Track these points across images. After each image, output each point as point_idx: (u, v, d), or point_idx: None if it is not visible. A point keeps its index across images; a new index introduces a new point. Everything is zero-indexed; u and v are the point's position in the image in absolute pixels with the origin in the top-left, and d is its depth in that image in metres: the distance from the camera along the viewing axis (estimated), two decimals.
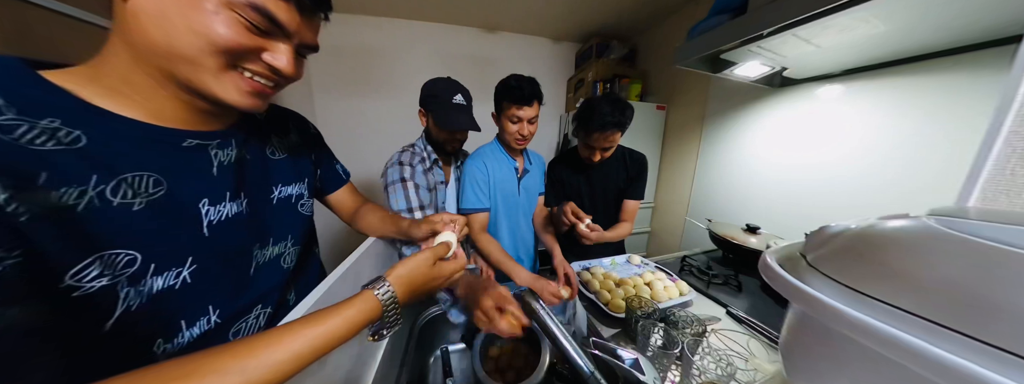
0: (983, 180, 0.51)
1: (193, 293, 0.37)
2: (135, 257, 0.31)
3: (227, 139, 0.42)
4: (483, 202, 1.02)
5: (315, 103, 2.25)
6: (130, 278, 0.31)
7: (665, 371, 0.59)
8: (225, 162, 0.41)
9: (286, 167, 0.53)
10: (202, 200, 0.38)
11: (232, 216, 0.41)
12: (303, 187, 0.56)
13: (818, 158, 1.32)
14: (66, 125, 0.28)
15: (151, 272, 0.33)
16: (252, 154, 0.47)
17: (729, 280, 0.99)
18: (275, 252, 0.49)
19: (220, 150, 0.41)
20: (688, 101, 2.00)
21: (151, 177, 0.33)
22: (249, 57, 0.34)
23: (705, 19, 0.98)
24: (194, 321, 0.38)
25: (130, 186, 0.31)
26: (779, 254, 0.41)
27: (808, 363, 0.37)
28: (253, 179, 0.46)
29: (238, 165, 0.43)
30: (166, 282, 0.34)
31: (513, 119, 0.95)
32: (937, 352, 0.22)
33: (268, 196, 0.49)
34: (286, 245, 0.51)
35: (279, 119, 0.56)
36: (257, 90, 0.36)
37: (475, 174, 1.01)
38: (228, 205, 0.41)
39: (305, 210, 0.56)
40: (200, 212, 0.38)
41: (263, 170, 0.49)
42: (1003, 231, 0.25)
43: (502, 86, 0.94)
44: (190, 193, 0.37)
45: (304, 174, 0.57)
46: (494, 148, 1.07)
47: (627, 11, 2.12)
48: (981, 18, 0.74)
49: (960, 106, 0.93)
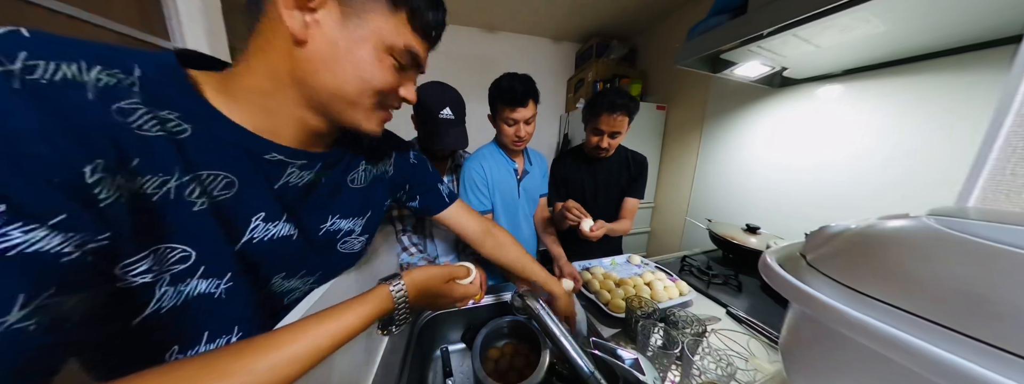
0: (983, 180, 0.51)
1: (226, 306, 0.36)
2: (189, 254, 0.31)
3: (314, 162, 0.41)
4: (484, 204, 1.02)
5: None
6: (175, 276, 0.31)
7: (665, 371, 0.59)
8: (292, 183, 0.40)
9: (356, 199, 0.50)
10: (258, 214, 0.37)
11: (280, 237, 0.40)
12: (359, 222, 0.52)
13: (818, 158, 1.32)
14: (181, 119, 0.30)
15: (199, 273, 0.32)
16: (329, 180, 0.46)
17: (729, 280, 0.99)
18: (290, 286, 0.45)
19: (299, 170, 0.40)
20: (688, 101, 2.00)
21: (226, 178, 0.33)
22: (391, 95, 0.38)
23: (705, 19, 0.98)
24: (216, 337, 0.36)
25: (200, 183, 0.31)
26: (779, 254, 0.41)
27: (808, 363, 0.37)
28: (313, 206, 0.44)
29: (305, 189, 0.42)
30: (209, 288, 0.34)
31: (509, 121, 0.93)
32: (937, 352, 0.22)
33: (318, 226, 0.46)
34: (308, 281, 0.47)
35: (382, 145, 0.56)
36: (388, 119, 0.42)
37: (473, 177, 1.01)
38: (282, 225, 0.39)
39: (347, 248, 0.51)
40: (249, 225, 0.36)
41: (330, 198, 0.46)
42: (1003, 231, 0.25)
43: (495, 87, 0.92)
44: (251, 204, 0.36)
45: (369, 207, 0.53)
46: (492, 150, 1.06)
47: (627, 11, 2.12)
48: (981, 18, 0.74)
49: (960, 106, 0.93)
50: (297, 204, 0.42)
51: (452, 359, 0.74)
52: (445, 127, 0.88)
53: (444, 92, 0.89)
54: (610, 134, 1.05)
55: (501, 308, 0.87)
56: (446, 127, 0.88)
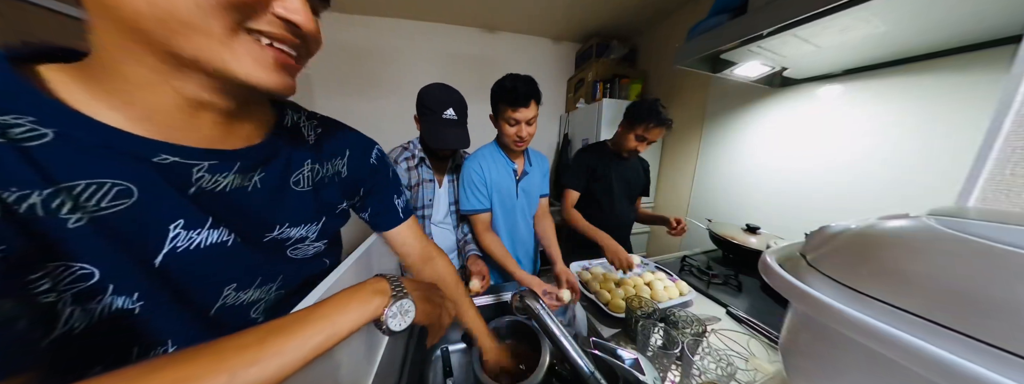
0: (983, 180, 0.51)
1: (148, 323, 0.32)
2: (91, 271, 0.28)
3: (227, 162, 0.35)
4: (483, 203, 1.02)
5: (316, 103, 2.25)
6: (78, 295, 0.28)
7: (665, 371, 0.59)
8: (208, 187, 0.35)
9: (305, 202, 0.45)
10: (176, 221, 0.32)
11: (208, 246, 0.35)
12: (313, 228, 0.46)
13: (818, 158, 1.32)
14: (37, 124, 0.25)
15: (110, 291, 0.29)
16: (263, 183, 0.40)
17: (729, 280, 0.99)
18: (251, 297, 0.41)
19: (210, 174, 0.34)
20: (688, 101, 2.00)
21: (116, 187, 0.29)
22: (258, 11, 0.28)
23: (705, 19, 0.98)
24: (147, 352, 0.33)
25: (71, 196, 0.27)
26: (779, 254, 0.41)
27: (808, 363, 0.37)
28: (250, 212, 0.39)
29: (230, 194, 0.37)
30: (126, 303, 0.30)
31: (511, 122, 0.93)
32: (937, 352, 0.22)
33: (262, 234, 0.41)
34: (270, 290, 0.43)
35: (333, 141, 0.49)
36: (281, 61, 0.30)
37: (472, 176, 1.01)
38: (207, 232, 0.35)
39: (297, 254, 0.46)
40: (167, 235, 0.32)
41: (271, 203, 0.41)
42: (1003, 231, 0.25)
43: (497, 88, 0.93)
44: (159, 211, 0.32)
45: (323, 211, 0.48)
46: (492, 150, 1.06)
47: (627, 11, 2.12)
48: (981, 18, 0.74)
49: (960, 106, 0.93)
50: (224, 210, 0.36)
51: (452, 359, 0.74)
52: (448, 128, 0.90)
53: (448, 94, 0.92)
54: (649, 142, 1.21)
55: (501, 308, 0.87)
56: (449, 128, 0.90)
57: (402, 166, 0.99)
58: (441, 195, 1.07)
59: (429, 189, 1.03)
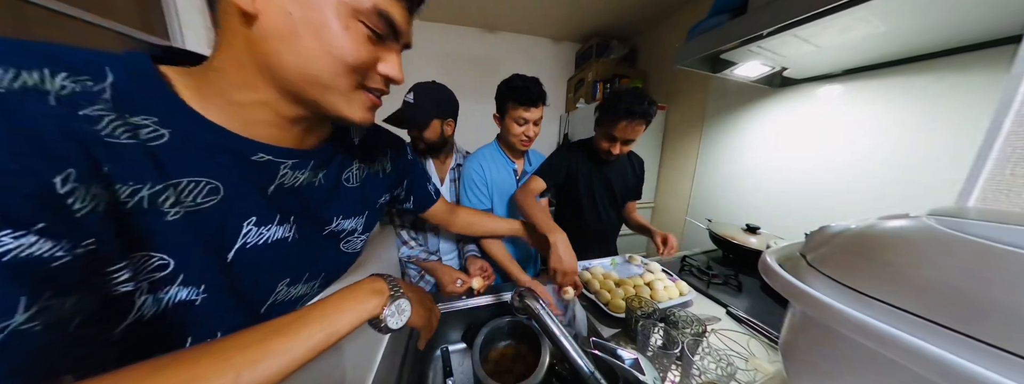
0: (983, 180, 0.51)
1: (208, 313, 0.35)
2: (167, 262, 0.30)
3: (305, 160, 0.40)
4: (484, 203, 1.03)
5: None
6: (153, 284, 0.30)
7: (665, 371, 0.59)
8: (288, 184, 0.38)
9: (354, 198, 0.49)
10: (250, 218, 0.35)
11: (275, 241, 0.38)
12: (360, 221, 0.51)
13: (818, 158, 1.32)
14: (159, 124, 0.28)
15: (179, 281, 0.31)
16: (325, 180, 0.44)
17: (729, 280, 0.99)
18: (299, 292, 0.44)
19: (291, 171, 0.38)
20: (688, 101, 2.00)
21: (209, 185, 0.32)
22: (370, 72, 0.34)
23: (705, 19, 0.98)
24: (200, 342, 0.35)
25: (176, 192, 0.30)
26: (779, 254, 0.41)
27: (808, 363, 0.37)
28: (314, 207, 0.43)
29: (301, 189, 0.40)
30: (190, 295, 0.33)
31: (520, 121, 0.94)
32: (937, 352, 0.22)
33: (322, 227, 0.45)
34: (314, 286, 0.46)
35: (374, 141, 0.53)
36: (374, 104, 0.37)
37: (472, 176, 1.01)
38: (275, 228, 0.38)
39: (349, 247, 0.51)
40: (241, 230, 0.35)
41: (329, 198, 0.45)
42: (1003, 231, 0.25)
43: (506, 87, 0.92)
44: (240, 209, 0.35)
45: (368, 206, 0.53)
46: (493, 150, 1.06)
47: (627, 11, 2.12)
48: (981, 18, 0.74)
49: (960, 106, 0.93)
50: (293, 206, 0.40)
51: (452, 359, 0.74)
52: (403, 109, 0.89)
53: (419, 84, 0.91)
54: (623, 141, 0.98)
55: (501, 308, 0.87)
56: (404, 109, 0.89)
57: None
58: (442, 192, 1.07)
59: None
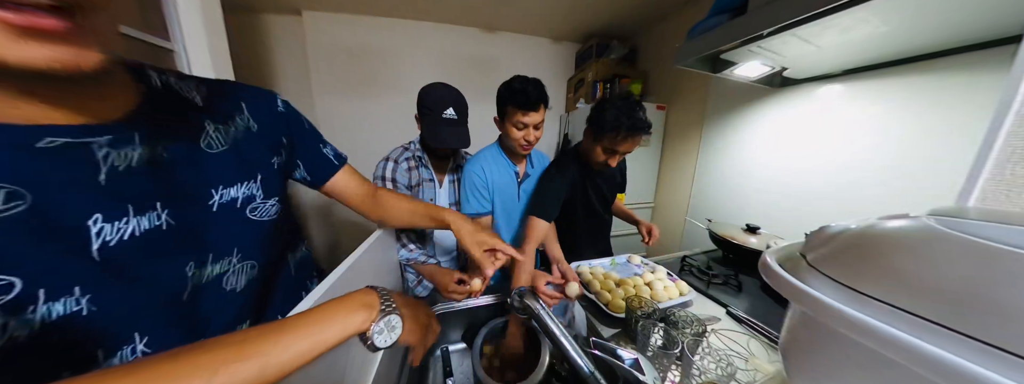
0: (983, 180, 0.51)
1: (106, 321, 0.31)
2: (11, 282, 0.26)
3: (126, 133, 0.32)
4: (485, 206, 1.02)
5: (315, 103, 2.25)
6: (7, 307, 0.26)
7: (665, 371, 0.59)
8: (121, 166, 0.32)
9: (229, 162, 0.43)
10: (93, 216, 0.30)
11: (142, 233, 0.33)
12: (254, 186, 0.45)
13: (818, 158, 1.32)
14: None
15: (43, 298, 0.27)
16: (174, 150, 0.37)
17: (729, 280, 0.99)
18: (214, 272, 0.40)
19: (113, 149, 0.31)
20: (688, 101, 2.00)
21: (1, 190, 0.26)
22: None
23: (705, 19, 0.98)
24: (115, 350, 0.32)
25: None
26: (779, 254, 0.41)
27: (808, 363, 0.37)
28: (179, 183, 0.37)
29: (149, 167, 0.34)
30: (68, 308, 0.28)
31: (519, 125, 0.91)
32: (937, 352, 0.22)
33: (206, 203, 0.40)
34: (230, 262, 0.42)
35: (226, 98, 0.45)
36: (30, 26, 0.21)
37: (474, 179, 1.01)
38: (133, 220, 0.32)
39: (260, 215, 0.45)
40: (89, 231, 0.30)
41: (194, 169, 0.39)
42: (1003, 231, 0.25)
43: (506, 89, 0.90)
44: (69, 208, 0.29)
45: (257, 168, 0.46)
46: (495, 152, 1.05)
47: (627, 11, 2.12)
48: (981, 18, 0.74)
49: (960, 106, 0.93)
50: (148, 189, 0.34)
51: (452, 359, 0.74)
52: (448, 127, 0.90)
53: (448, 92, 0.91)
54: (624, 153, 0.96)
55: (501, 308, 0.87)
56: (449, 127, 0.90)
57: (403, 166, 0.98)
58: (441, 195, 1.07)
59: (429, 189, 1.03)
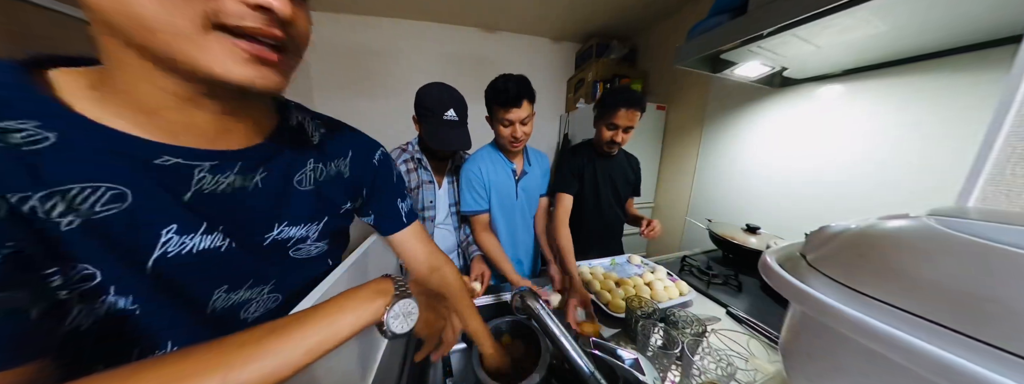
0: (983, 180, 0.51)
1: (148, 324, 0.33)
2: (93, 273, 0.29)
3: (229, 162, 0.35)
4: (482, 204, 1.03)
5: (315, 103, 2.25)
6: (84, 294, 0.28)
7: (665, 371, 0.59)
8: (208, 189, 0.35)
9: (308, 201, 0.44)
10: (169, 226, 0.33)
11: (199, 251, 0.35)
12: (314, 228, 0.46)
13: (818, 158, 1.32)
14: (42, 128, 0.26)
15: (112, 291, 0.30)
16: (266, 183, 0.39)
17: (729, 280, 0.99)
18: (242, 298, 0.41)
19: (211, 174, 0.34)
20: (688, 101, 2.00)
21: (111, 191, 0.29)
22: (227, 6, 0.26)
23: (705, 19, 0.98)
24: (149, 353, 0.34)
25: (65, 199, 0.27)
26: (779, 254, 0.41)
27: (808, 363, 0.37)
28: (250, 214, 0.39)
29: (230, 195, 0.37)
30: (127, 304, 0.31)
31: (504, 123, 0.92)
32: (937, 352, 0.22)
33: (262, 235, 0.41)
34: (262, 291, 0.43)
35: (338, 143, 0.48)
36: (256, 54, 0.28)
37: (470, 177, 1.01)
38: (199, 237, 0.35)
39: (299, 254, 0.46)
40: (159, 239, 0.32)
41: (272, 204, 0.41)
42: (1003, 231, 0.25)
43: (490, 89, 0.91)
44: (155, 216, 0.32)
45: (325, 211, 0.47)
46: (490, 151, 1.06)
47: (627, 11, 2.12)
48: (981, 18, 0.74)
49: (960, 106, 0.93)
50: (222, 213, 0.36)
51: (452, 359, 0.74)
52: (449, 128, 0.89)
53: (448, 93, 0.90)
54: (624, 129, 1.07)
55: (501, 308, 0.87)
56: (450, 128, 0.89)
57: (401, 169, 0.98)
58: (441, 196, 1.07)
59: (429, 191, 1.03)
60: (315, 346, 0.28)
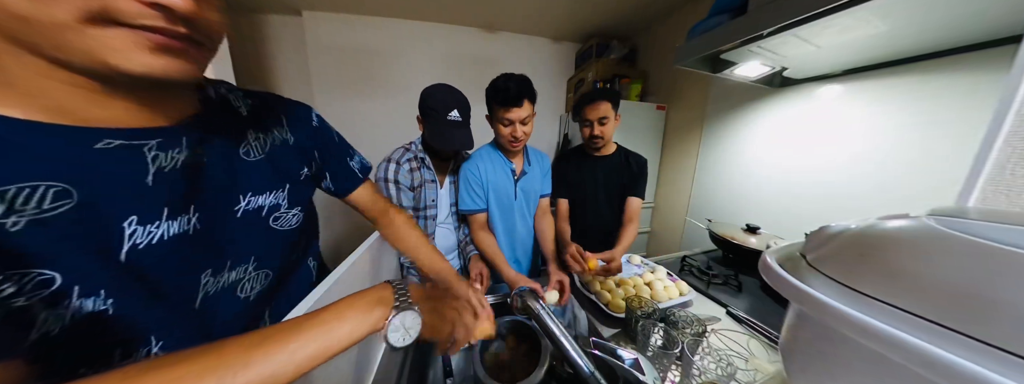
0: (983, 180, 0.51)
1: (125, 322, 0.32)
2: (51, 277, 0.27)
3: (175, 137, 0.34)
4: (479, 203, 1.03)
5: (315, 103, 2.25)
6: (46, 300, 0.27)
7: (665, 371, 0.59)
8: (167, 167, 0.33)
9: (262, 171, 0.44)
10: (129, 218, 0.31)
11: (170, 238, 0.34)
12: (281, 196, 0.46)
13: (818, 158, 1.32)
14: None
15: (77, 294, 0.28)
16: (215, 156, 0.39)
17: (729, 280, 0.99)
18: (229, 279, 0.41)
19: (162, 152, 0.33)
20: (688, 101, 2.00)
21: (52, 188, 0.27)
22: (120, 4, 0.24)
23: (705, 19, 0.98)
24: (131, 352, 0.33)
25: (5, 201, 0.26)
26: (779, 254, 0.41)
27: (808, 363, 0.37)
28: (211, 188, 0.38)
29: (188, 170, 0.35)
30: (96, 306, 0.29)
31: (504, 122, 0.92)
32: (937, 352, 0.22)
33: (231, 208, 0.40)
34: (246, 270, 0.42)
35: (269, 110, 0.48)
36: (159, 43, 0.26)
37: (468, 177, 1.01)
38: (165, 224, 0.33)
39: (282, 224, 0.46)
40: (123, 232, 0.31)
41: (229, 175, 0.40)
42: (1003, 231, 0.25)
43: (490, 88, 0.92)
44: (111, 208, 0.30)
45: (286, 178, 0.48)
46: (490, 150, 1.06)
47: (627, 11, 2.12)
48: (981, 18, 0.74)
49: (960, 106, 0.93)
50: (184, 190, 0.35)
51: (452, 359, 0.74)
52: (453, 129, 0.90)
53: (452, 95, 0.91)
54: (598, 121, 1.11)
55: (501, 308, 0.87)
56: (454, 129, 0.90)
57: (405, 168, 0.98)
58: (443, 196, 1.07)
59: (431, 190, 1.03)
60: (311, 354, 0.27)
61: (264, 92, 0.50)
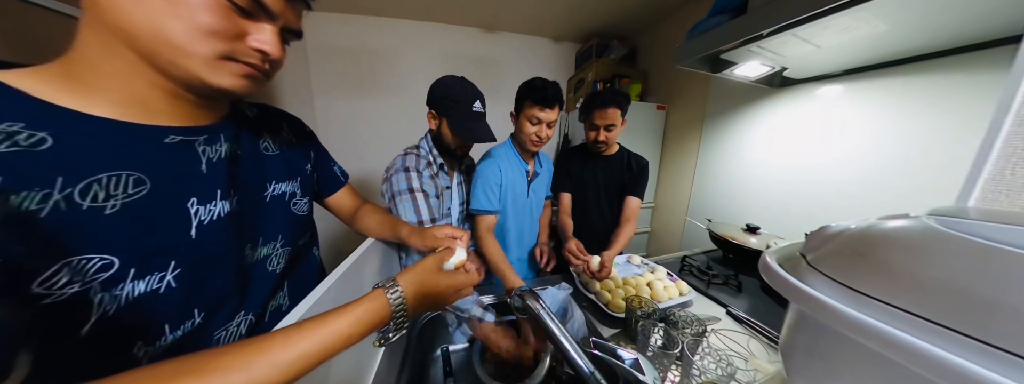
0: (983, 180, 0.51)
1: (178, 297, 0.36)
2: (111, 261, 0.30)
3: (215, 134, 0.41)
4: (494, 205, 1.01)
5: (315, 104, 2.25)
6: (104, 283, 0.30)
7: (665, 371, 0.59)
8: (214, 158, 0.40)
9: (280, 163, 0.52)
10: (191, 199, 0.37)
11: (224, 215, 0.40)
12: (296, 185, 0.55)
13: (818, 158, 1.32)
14: (30, 128, 0.27)
15: (131, 276, 0.32)
16: (245, 149, 0.46)
17: (729, 280, 0.99)
18: (262, 254, 0.47)
19: (209, 146, 0.40)
20: (688, 101, 2.00)
21: (131, 177, 0.32)
22: (238, 40, 0.33)
23: (705, 19, 0.98)
24: (178, 324, 0.37)
25: (103, 188, 0.30)
26: (779, 254, 0.41)
27: (808, 363, 0.37)
28: (246, 175, 0.45)
29: (229, 161, 0.42)
30: (149, 286, 0.33)
31: (533, 120, 0.95)
32: (937, 352, 0.22)
33: (262, 194, 0.48)
34: (275, 246, 0.49)
35: (270, 117, 0.55)
36: (248, 73, 0.35)
37: (489, 177, 1.00)
38: (219, 203, 0.40)
39: (298, 209, 0.54)
40: (189, 212, 0.37)
41: (258, 166, 0.48)
42: (1003, 231, 0.25)
43: (526, 86, 0.95)
44: (178, 193, 0.36)
45: (297, 172, 0.56)
46: (508, 150, 1.07)
47: (627, 11, 2.12)
48: (981, 18, 0.74)
49: (960, 106, 0.92)
50: (228, 177, 0.42)
51: (452, 359, 0.74)
52: (478, 120, 0.87)
53: (471, 85, 0.89)
54: (605, 127, 1.12)
55: (501, 308, 0.87)
56: (479, 120, 0.88)
57: (425, 175, 0.88)
58: (455, 198, 1.03)
59: (448, 197, 0.98)
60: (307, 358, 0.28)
61: (263, 103, 0.57)
